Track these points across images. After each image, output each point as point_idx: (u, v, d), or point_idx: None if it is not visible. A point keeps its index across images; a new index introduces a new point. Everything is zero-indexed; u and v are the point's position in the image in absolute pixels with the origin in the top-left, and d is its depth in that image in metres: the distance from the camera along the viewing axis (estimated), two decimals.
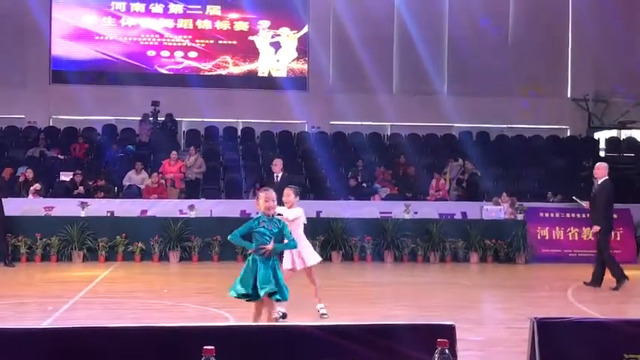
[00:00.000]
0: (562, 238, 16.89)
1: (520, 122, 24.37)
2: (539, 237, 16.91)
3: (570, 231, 17.00)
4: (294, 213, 9.24)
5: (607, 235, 12.70)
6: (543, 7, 24.64)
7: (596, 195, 12.83)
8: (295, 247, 7.45)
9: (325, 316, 9.09)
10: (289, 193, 9.45)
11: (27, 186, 17.37)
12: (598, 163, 13.13)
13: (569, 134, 25.09)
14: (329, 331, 3.86)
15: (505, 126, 24.48)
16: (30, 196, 17.11)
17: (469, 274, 15.12)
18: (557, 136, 24.58)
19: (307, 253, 9.22)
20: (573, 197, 14.35)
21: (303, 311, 8.92)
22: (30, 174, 17.73)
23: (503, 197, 17.87)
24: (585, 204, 13.36)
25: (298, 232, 9.03)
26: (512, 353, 7.34)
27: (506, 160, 22.06)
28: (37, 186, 17.20)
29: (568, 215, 17.17)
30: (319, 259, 9.37)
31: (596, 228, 12.56)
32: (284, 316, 8.80)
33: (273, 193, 7.17)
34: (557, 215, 17.19)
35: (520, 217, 17.12)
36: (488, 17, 23.99)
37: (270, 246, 7.00)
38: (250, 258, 7.17)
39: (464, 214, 17.92)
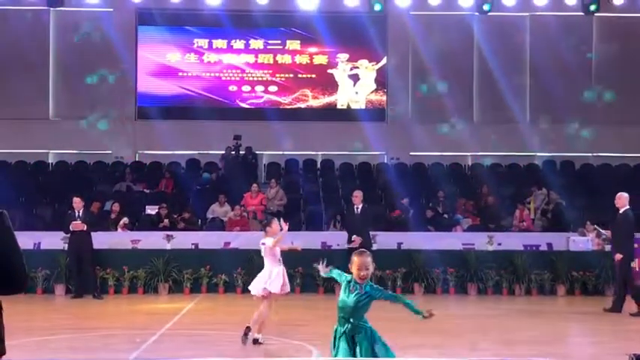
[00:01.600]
0: None
1: (605, 150, 23.76)
2: None
3: None
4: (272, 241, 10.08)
5: (629, 263, 13.24)
6: (628, 33, 24.07)
7: (618, 224, 13.42)
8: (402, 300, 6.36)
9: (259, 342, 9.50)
10: (275, 222, 10.30)
11: (116, 220, 17.82)
12: (619, 193, 13.60)
13: None
14: None
15: (590, 154, 23.92)
16: (119, 229, 17.55)
17: (556, 306, 14.72)
18: None
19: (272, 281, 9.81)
20: (595, 226, 14.85)
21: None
22: (117, 208, 18.20)
23: (587, 227, 17.40)
24: (607, 233, 14.10)
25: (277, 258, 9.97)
26: None
27: (592, 189, 21.48)
28: (126, 220, 17.66)
29: None
30: (277, 290, 9.82)
31: (619, 256, 13.12)
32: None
33: (368, 260, 6.18)
34: None
35: (608, 247, 16.59)
36: (571, 44, 23.59)
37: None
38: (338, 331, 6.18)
39: (549, 245, 17.51)
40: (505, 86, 23.32)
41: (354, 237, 15.27)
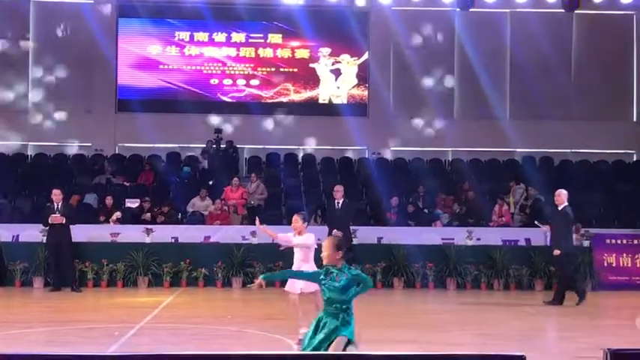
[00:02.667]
0: (630, 265, 16.47)
1: (584, 147, 23.95)
2: (605, 264, 16.54)
3: (638, 258, 16.57)
4: (303, 239, 9.53)
5: (569, 258, 13.87)
6: (607, 30, 24.24)
7: (557, 221, 13.95)
8: (372, 286, 6.36)
9: None
10: (297, 219, 9.61)
11: (109, 214, 17.73)
12: (558, 190, 14.08)
13: (635, 159, 24.52)
14: None
15: (569, 150, 24.10)
16: (111, 223, 17.44)
17: (534, 301, 14.84)
18: (622, 161, 24.07)
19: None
20: (535, 222, 15.30)
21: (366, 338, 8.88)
22: (109, 201, 18.19)
23: (576, 226, 17.50)
24: (545, 228, 14.60)
25: (309, 257, 9.41)
26: None
27: (571, 185, 21.61)
28: (118, 214, 17.59)
29: (636, 242, 16.75)
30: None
31: (557, 252, 13.60)
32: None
33: (327, 243, 6.33)
34: (625, 242, 16.79)
35: (586, 243, 16.76)
36: (551, 41, 23.70)
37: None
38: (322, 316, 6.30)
39: (528, 240, 17.64)
40: (485, 82, 23.45)
41: (334, 231, 15.32)
